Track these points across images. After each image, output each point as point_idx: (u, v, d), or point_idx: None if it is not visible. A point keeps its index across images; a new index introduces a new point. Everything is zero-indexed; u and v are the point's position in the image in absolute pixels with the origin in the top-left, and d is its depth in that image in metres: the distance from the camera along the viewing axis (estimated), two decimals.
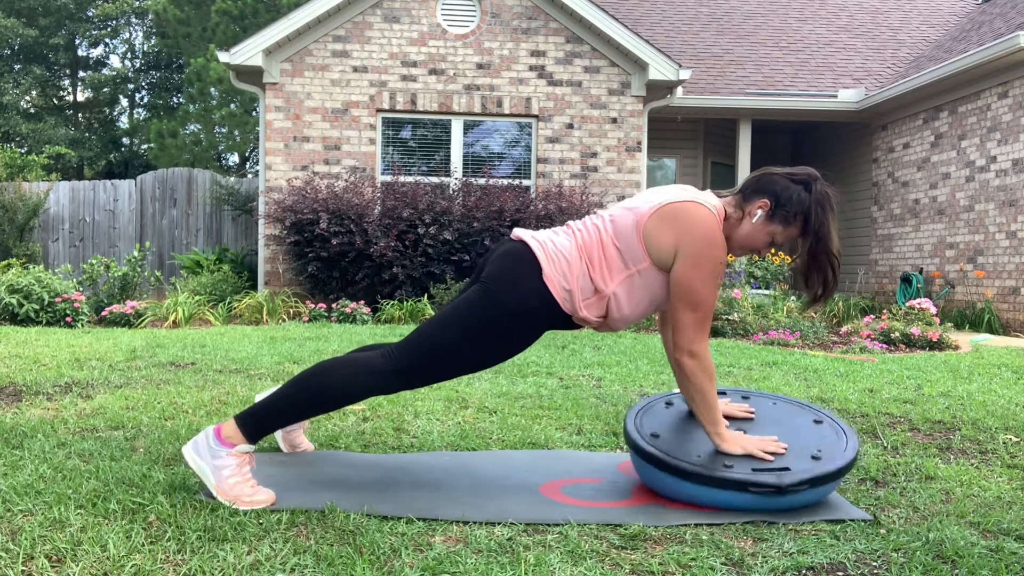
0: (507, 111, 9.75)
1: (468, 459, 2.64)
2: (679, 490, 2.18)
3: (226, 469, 2.09)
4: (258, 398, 2.59)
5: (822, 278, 2.20)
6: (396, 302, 8.16)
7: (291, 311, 8.35)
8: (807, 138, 13.39)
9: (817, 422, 2.39)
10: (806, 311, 7.42)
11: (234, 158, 25.24)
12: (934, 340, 6.69)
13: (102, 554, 1.71)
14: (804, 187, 2.19)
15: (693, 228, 2.11)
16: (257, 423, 2.16)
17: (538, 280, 2.15)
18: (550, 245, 2.20)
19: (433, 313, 7.86)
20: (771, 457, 2.16)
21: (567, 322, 2.25)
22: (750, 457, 2.17)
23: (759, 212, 2.19)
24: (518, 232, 2.26)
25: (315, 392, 2.16)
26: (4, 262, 9.56)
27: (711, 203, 2.20)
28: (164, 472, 2.33)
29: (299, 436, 2.68)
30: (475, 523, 2.01)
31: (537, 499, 2.21)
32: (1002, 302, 8.96)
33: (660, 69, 9.60)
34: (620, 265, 2.17)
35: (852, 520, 2.07)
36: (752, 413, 2.44)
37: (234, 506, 2.05)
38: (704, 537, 1.94)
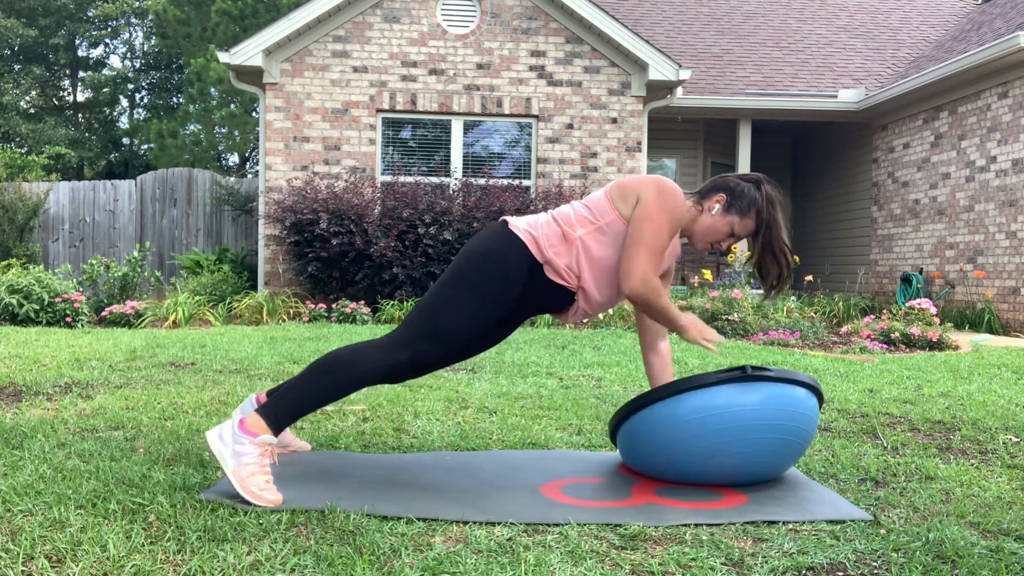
0: (507, 111, 9.75)
1: (468, 459, 2.64)
2: (660, 416, 2.35)
3: (246, 456, 2.13)
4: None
5: (776, 269, 2.41)
6: (396, 302, 8.16)
7: (291, 311, 8.35)
8: (807, 138, 13.39)
9: None
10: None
11: (234, 158, 25.24)
12: (934, 340, 6.69)
13: (102, 554, 1.71)
14: (754, 185, 2.44)
15: (656, 182, 2.36)
16: (275, 412, 2.22)
17: (504, 231, 2.38)
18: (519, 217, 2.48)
19: None
20: (713, 346, 2.38)
21: (547, 285, 2.37)
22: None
23: (717, 205, 2.41)
24: None
25: (327, 374, 2.24)
26: (4, 262, 9.56)
27: None
28: (164, 472, 2.33)
29: (287, 435, 2.69)
30: (475, 523, 2.01)
31: (537, 499, 2.21)
32: (1002, 302, 8.96)
33: (660, 69, 9.60)
34: (588, 219, 2.37)
35: (852, 520, 2.07)
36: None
37: (242, 493, 2.07)
38: (704, 537, 1.94)
